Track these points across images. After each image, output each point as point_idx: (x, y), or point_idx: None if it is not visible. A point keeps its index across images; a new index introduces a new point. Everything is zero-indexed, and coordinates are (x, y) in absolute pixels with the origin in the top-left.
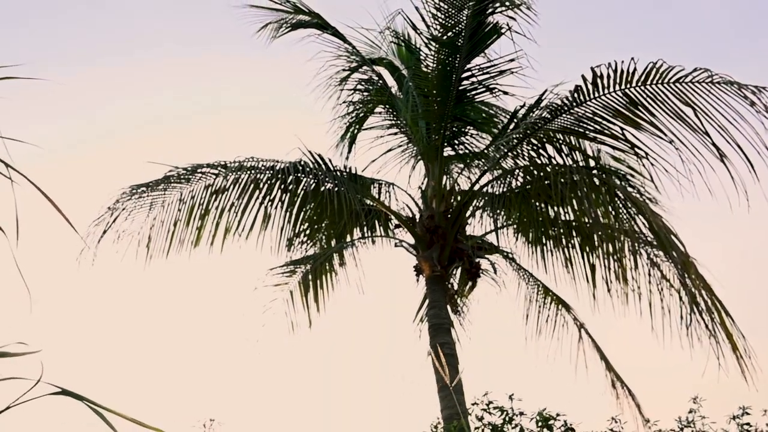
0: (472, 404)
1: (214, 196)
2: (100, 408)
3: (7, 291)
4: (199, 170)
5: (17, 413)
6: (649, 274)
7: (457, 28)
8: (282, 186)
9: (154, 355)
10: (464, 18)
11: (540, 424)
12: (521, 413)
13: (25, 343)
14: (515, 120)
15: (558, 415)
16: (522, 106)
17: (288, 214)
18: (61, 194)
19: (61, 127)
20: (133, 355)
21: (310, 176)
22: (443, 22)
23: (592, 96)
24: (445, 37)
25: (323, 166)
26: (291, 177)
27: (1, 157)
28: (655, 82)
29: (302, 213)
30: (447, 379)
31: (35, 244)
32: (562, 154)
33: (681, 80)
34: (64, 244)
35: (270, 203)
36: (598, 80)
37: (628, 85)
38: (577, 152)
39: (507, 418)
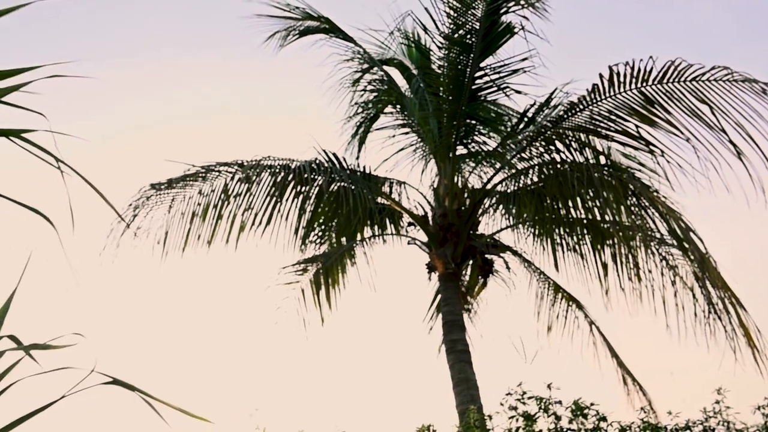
0: (506, 394)
1: (229, 194)
2: (149, 398)
3: (37, 283)
4: (215, 169)
5: (70, 402)
6: (662, 273)
7: (468, 27)
8: (297, 184)
9: (167, 350)
10: (478, 17)
11: (576, 413)
12: (559, 402)
13: (80, 333)
14: (526, 118)
15: (592, 404)
16: (532, 105)
17: (302, 211)
18: (71, 193)
19: (68, 127)
20: (146, 350)
21: (325, 175)
22: (457, 21)
23: (608, 94)
24: (457, 36)
25: (337, 165)
26: (306, 175)
27: (49, 149)
28: (672, 80)
29: (317, 211)
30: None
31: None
32: (572, 151)
33: (698, 78)
34: (76, 241)
35: (285, 201)
36: (615, 78)
37: (645, 84)
38: (588, 150)
39: (544, 407)
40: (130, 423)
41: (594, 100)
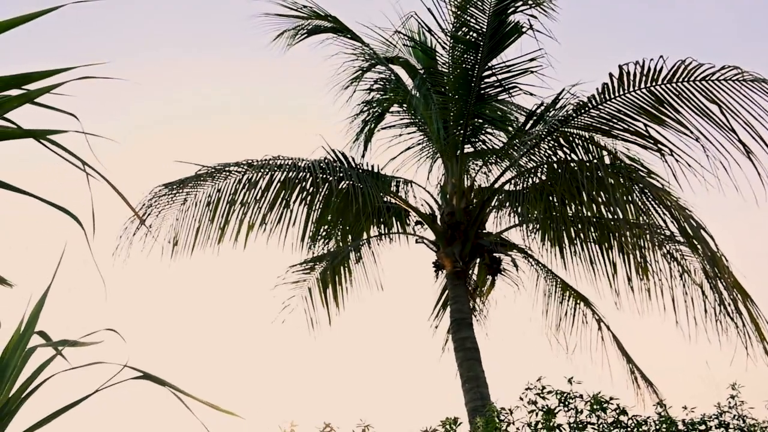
0: (526, 389)
1: (238, 194)
2: (179, 392)
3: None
4: (225, 169)
5: (102, 396)
6: (671, 269)
7: (475, 26)
8: (305, 183)
9: (175, 348)
10: (485, 17)
11: (596, 407)
12: (579, 396)
13: (114, 329)
14: (534, 118)
15: (611, 398)
16: (540, 105)
17: (310, 210)
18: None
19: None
20: (154, 347)
21: (333, 174)
22: (464, 21)
23: (617, 93)
24: (460, 33)
25: (346, 164)
26: (314, 175)
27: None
28: (681, 79)
29: (325, 210)
30: None
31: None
32: (580, 149)
33: (708, 78)
34: (84, 239)
35: (294, 201)
36: (625, 78)
37: (654, 83)
38: (596, 149)
39: (564, 401)
40: (159, 417)
41: (604, 99)
